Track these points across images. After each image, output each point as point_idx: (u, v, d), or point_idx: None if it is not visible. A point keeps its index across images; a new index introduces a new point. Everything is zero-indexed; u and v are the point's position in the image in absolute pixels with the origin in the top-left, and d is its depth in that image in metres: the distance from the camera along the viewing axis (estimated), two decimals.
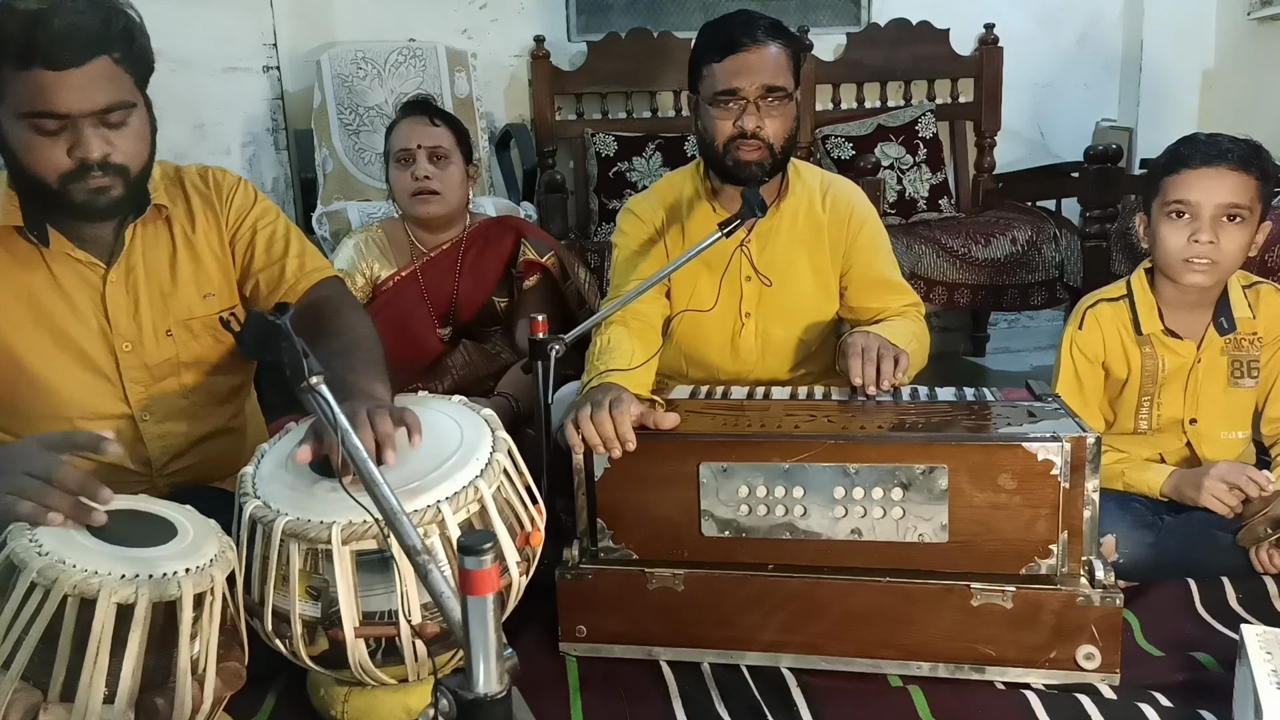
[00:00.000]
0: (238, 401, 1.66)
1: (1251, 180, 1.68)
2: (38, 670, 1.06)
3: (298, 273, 1.56)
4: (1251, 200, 1.69)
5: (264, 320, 1.08)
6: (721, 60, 1.72)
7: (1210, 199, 1.68)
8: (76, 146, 1.31)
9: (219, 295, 1.55)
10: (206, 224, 1.54)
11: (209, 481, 1.59)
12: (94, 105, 1.30)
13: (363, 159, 3.12)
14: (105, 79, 1.31)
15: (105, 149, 1.33)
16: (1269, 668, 1.23)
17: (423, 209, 2.22)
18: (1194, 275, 1.72)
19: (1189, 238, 1.70)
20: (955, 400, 1.61)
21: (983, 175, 3.59)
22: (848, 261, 1.88)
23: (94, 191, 1.35)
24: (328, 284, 1.58)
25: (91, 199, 1.35)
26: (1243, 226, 1.69)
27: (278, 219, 1.60)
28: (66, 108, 1.29)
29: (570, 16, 3.50)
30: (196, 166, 1.59)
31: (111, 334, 1.48)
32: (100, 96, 1.31)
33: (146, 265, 1.50)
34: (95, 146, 1.32)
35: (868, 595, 1.44)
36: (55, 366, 1.46)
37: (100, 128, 1.32)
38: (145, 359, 1.50)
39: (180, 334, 1.52)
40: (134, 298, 1.49)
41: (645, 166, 3.29)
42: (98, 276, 1.47)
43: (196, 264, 1.53)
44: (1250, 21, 3.36)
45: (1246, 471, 1.68)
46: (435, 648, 1.25)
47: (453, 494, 1.23)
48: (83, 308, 1.46)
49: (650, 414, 1.51)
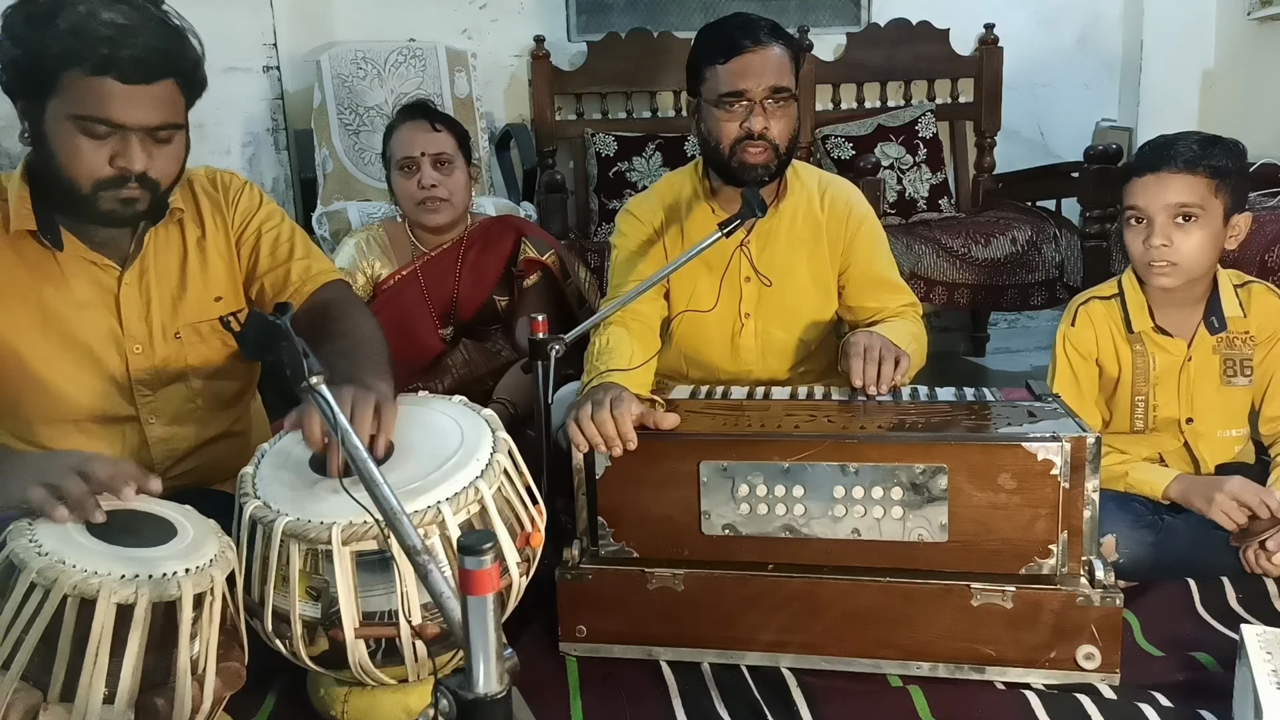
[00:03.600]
0: (241, 406, 1.67)
1: (1200, 179, 1.69)
2: (38, 670, 1.06)
3: (303, 275, 1.57)
4: (1203, 198, 1.69)
5: (264, 320, 1.08)
6: (726, 62, 1.72)
7: (1157, 202, 1.70)
8: (120, 156, 1.34)
9: (227, 298, 1.56)
10: (215, 227, 1.55)
11: (212, 483, 1.59)
12: (149, 122, 1.34)
13: (363, 159, 3.12)
14: (166, 100, 1.35)
15: (146, 163, 1.35)
16: (1269, 668, 1.24)
17: (431, 218, 2.22)
18: (1157, 278, 1.74)
19: (1143, 242, 1.72)
20: (955, 400, 1.61)
21: (983, 175, 3.59)
22: (846, 261, 1.88)
23: (123, 202, 1.37)
24: (333, 286, 1.59)
25: (119, 209, 1.38)
26: (1197, 224, 1.70)
27: (283, 222, 1.61)
28: (125, 119, 1.32)
29: (570, 16, 3.50)
30: (205, 169, 1.60)
31: (124, 336, 1.48)
32: (156, 115, 1.34)
33: (159, 268, 1.51)
34: (139, 160, 1.34)
35: (868, 595, 1.44)
36: (62, 370, 1.46)
37: (147, 143, 1.35)
38: (154, 361, 1.51)
39: (188, 336, 1.53)
40: (146, 300, 1.50)
41: (645, 166, 3.29)
42: (112, 279, 1.48)
43: (206, 267, 1.54)
44: (1250, 21, 3.36)
45: (1261, 493, 1.67)
46: (435, 648, 1.25)
47: (453, 495, 1.23)
48: (95, 310, 1.47)
49: (650, 414, 1.51)
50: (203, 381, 1.56)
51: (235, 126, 3.25)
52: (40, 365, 1.45)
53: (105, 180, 1.34)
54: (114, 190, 1.35)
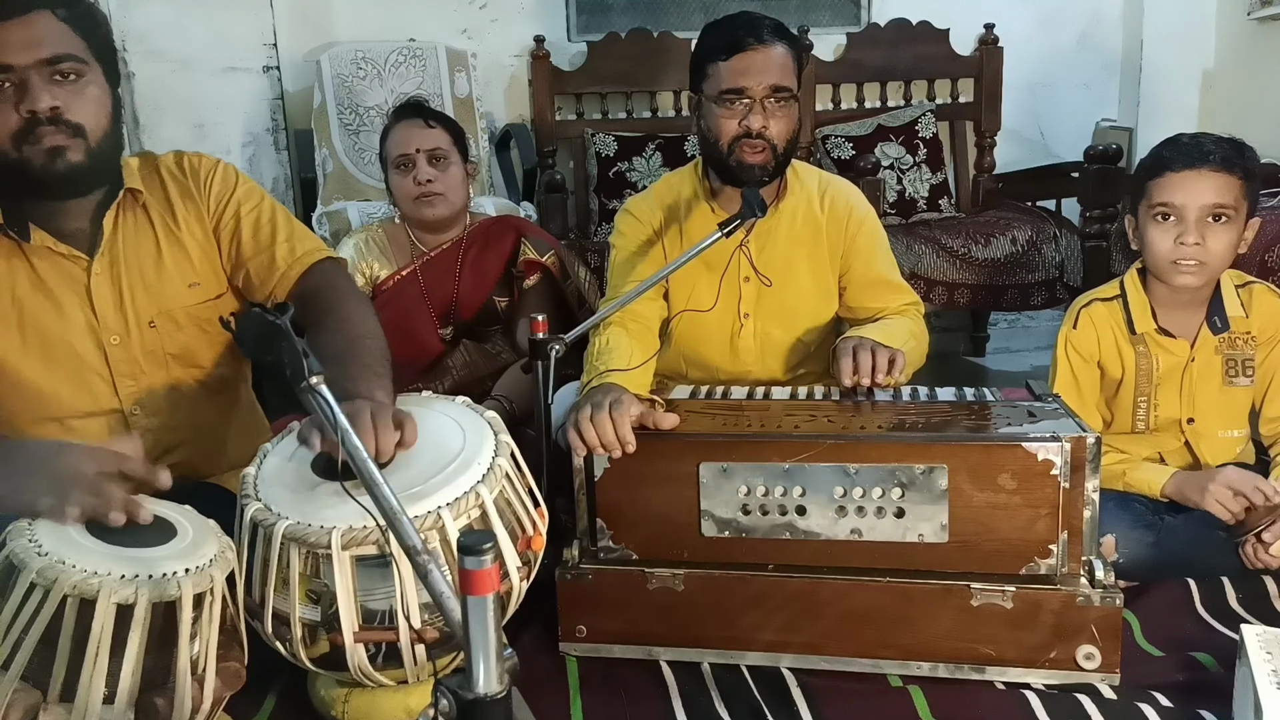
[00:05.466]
0: (229, 394, 1.64)
1: (1235, 180, 1.69)
2: (38, 670, 1.06)
3: (289, 258, 1.53)
4: (1236, 199, 1.69)
5: (263, 320, 1.08)
6: (728, 59, 1.72)
7: (1194, 201, 1.69)
8: (24, 100, 1.32)
9: (204, 284, 1.53)
10: (186, 212, 1.52)
11: (203, 475, 1.58)
12: (37, 55, 1.31)
13: (363, 159, 3.12)
14: (48, 32, 1.32)
15: (53, 102, 1.32)
16: (1269, 668, 1.23)
17: (429, 212, 2.22)
18: (1183, 277, 1.73)
19: (1175, 240, 1.71)
20: (955, 400, 1.61)
21: (983, 175, 3.59)
22: (846, 261, 1.88)
23: (50, 153, 1.34)
24: (323, 269, 1.55)
25: (49, 161, 1.34)
26: (1229, 226, 1.70)
27: (263, 201, 1.56)
28: (8, 58, 1.30)
29: (570, 16, 3.50)
30: (173, 153, 1.57)
31: (99, 327, 1.47)
32: (43, 48, 1.32)
33: (129, 256, 1.48)
34: (42, 97, 1.32)
35: (868, 595, 1.44)
36: (41, 368, 1.44)
37: (50, 84, 1.33)
38: (133, 352, 1.49)
39: (164, 324, 1.50)
40: (118, 289, 1.48)
41: (645, 166, 3.28)
42: (81, 269, 1.46)
43: (180, 253, 1.51)
44: (1250, 21, 3.36)
45: (1255, 480, 1.67)
46: (435, 652, 1.24)
47: (454, 499, 1.22)
48: (68, 303, 1.45)
49: (650, 414, 1.51)
50: (185, 368, 1.54)
51: (235, 126, 3.24)
52: (20, 365, 1.44)
53: (19, 131, 1.33)
54: (33, 140, 1.33)
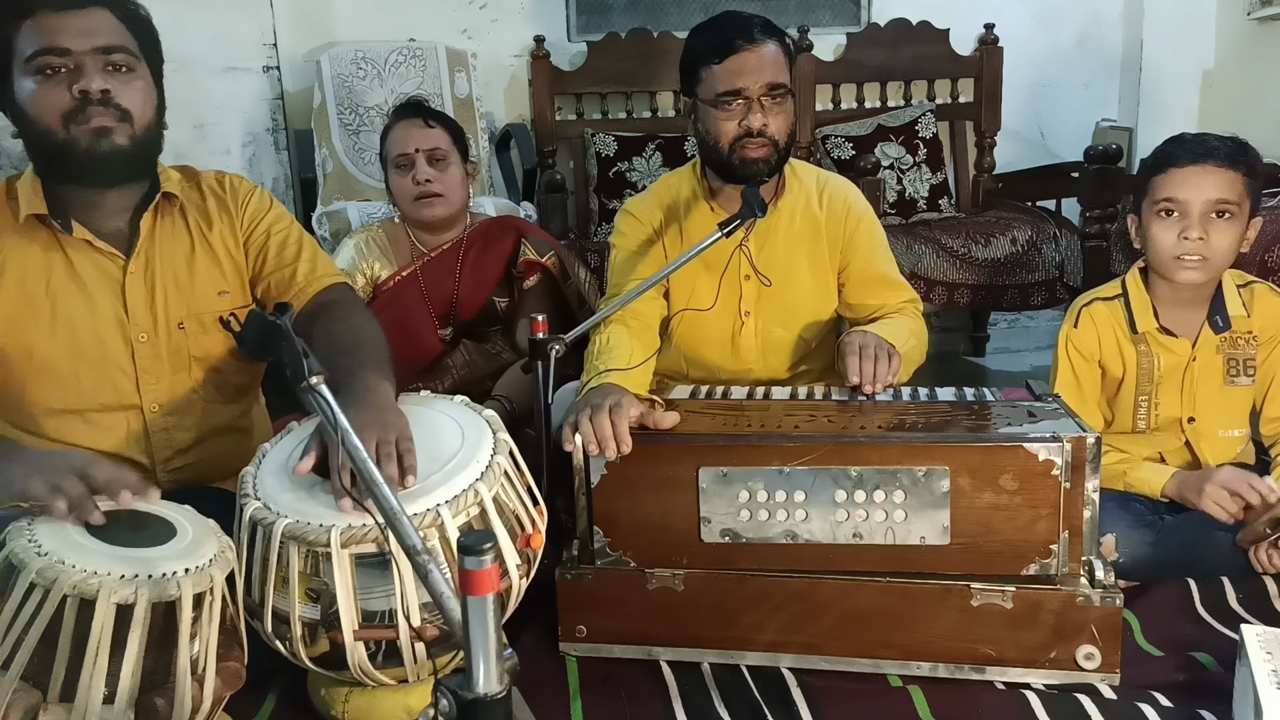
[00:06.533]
0: (245, 401, 1.68)
1: (1239, 176, 1.69)
2: (38, 670, 1.06)
3: (308, 276, 1.60)
4: (1240, 196, 1.70)
5: (264, 320, 1.08)
6: (721, 62, 1.72)
7: (1198, 196, 1.70)
8: (78, 81, 1.38)
9: (233, 294, 1.59)
10: (222, 224, 1.58)
11: (212, 481, 1.60)
12: (94, 42, 1.39)
13: (363, 159, 3.12)
14: (105, 24, 1.41)
15: (105, 84, 1.39)
16: (1269, 668, 1.23)
17: (428, 212, 2.22)
18: (1186, 272, 1.73)
19: (1179, 235, 1.71)
20: (955, 400, 1.61)
21: (983, 175, 3.59)
22: (845, 259, 1.88)
23: (96, 133, 1.40)
24: (336, 289, 1.62)
25: (94, 142, 1.40)
26: (1232, 222, 1.70)
27: (291, 225, 1.64)
28: (68, 43, 1.38)
29: (570, 16, 3.50)
30: (214, 172, 1.64)
31: (129, 323, 1.51)
32: (100, 36, 1.40)
33: (163, 258, 1.53)
34: (95, 79, 1.38)
35: (868, 595, 1.44)
36: (67, 358, 1.48)
37: (102, 70, 1.40)
38: (159, 350, 1.53)
39: (192, 327, 1.55)
40: (150, 289, 1.52)
41: (645, 166, 3.28)
42: (117, 267, 1.50)
43: (212, 261, 1.57)
44: (1250, 21, 3.36)
45: (1250, 479, 1.67)
46: (435, 650, 1.25)
47: (452, 497, 1.22)
48: (100, 298, 1.50)
49: (650, 414, 1.51)
50: (206, 373, 1.58)
51: (235, 126, 3.24)
52: (47, 353, 1.47)
53: (71, 110, 1.38)
54: (83, 122, 1.39)
